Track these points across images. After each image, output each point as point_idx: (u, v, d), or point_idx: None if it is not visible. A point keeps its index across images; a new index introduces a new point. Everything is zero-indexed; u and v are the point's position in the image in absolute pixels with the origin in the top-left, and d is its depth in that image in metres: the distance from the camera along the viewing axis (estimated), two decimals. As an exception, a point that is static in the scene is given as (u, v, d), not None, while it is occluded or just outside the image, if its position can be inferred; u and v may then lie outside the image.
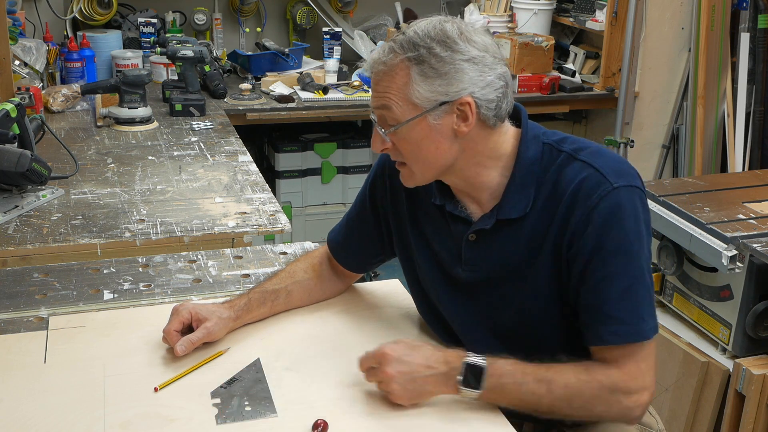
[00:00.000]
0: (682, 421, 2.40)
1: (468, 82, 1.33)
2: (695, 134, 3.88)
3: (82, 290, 1.76)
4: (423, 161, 1.39)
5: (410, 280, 1.62)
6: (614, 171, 1.36)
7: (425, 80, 1.33)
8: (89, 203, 2.31)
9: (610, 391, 1.33)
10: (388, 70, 1.35)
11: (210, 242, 2.11)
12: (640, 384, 1.34)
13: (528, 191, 1.39)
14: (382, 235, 1.62)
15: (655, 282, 2.54)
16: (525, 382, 1.33)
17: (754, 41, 3.80)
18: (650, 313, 1.36)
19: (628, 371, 1.34)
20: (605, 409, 1.35)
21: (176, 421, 1.33)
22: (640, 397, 1.34)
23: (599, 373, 1.34)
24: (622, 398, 1.34)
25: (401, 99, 1.35)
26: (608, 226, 1.33)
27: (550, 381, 1.33)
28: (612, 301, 1.34)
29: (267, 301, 1.62)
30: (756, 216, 2.33)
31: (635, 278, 1.34)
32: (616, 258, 1.33)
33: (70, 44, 3.57)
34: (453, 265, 1.49)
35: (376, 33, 4.29)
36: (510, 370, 1.34)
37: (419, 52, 1.33)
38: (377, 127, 1.41)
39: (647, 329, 1.35)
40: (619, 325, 1.34)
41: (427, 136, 1.36)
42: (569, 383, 1.33)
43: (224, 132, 3.06)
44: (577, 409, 1.34)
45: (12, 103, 2.35)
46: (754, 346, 2.27)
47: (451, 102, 1.34)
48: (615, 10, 3.84)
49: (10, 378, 1.43)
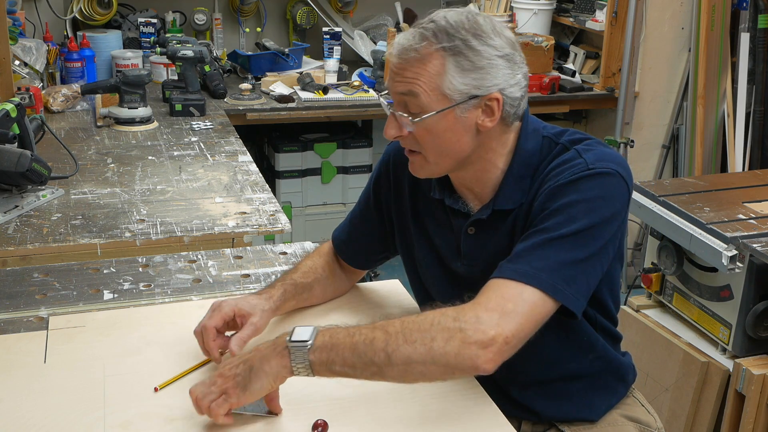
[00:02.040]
0: (682, 421, 2.40)
1: (501, 78, 1.33)
2: (695, 134, 3.88)
3: (82, 290, 1.76)
4: (441, 153, 1.37)
5: (411, 276, 1.62)
6: (597, 157, 1.35)
7: (461, 72, 1.31)
8: (89, 203, 2.31)
9: (453, 318, 1.21)
10: (420, 58, 1.32)
11: (210, 242, 2.11)
12: (493, 319, 1.21)
13: (524, 183, 1.40)
14: (386, 232, 1.62)
15: (655, 282, 2.54)
16: (358, 332, 1.24)
17: (754, 41, 3.80)
18: (557, 274, 1.26)
19: (486, 304, 1.23)
20: (444, 342, 1.20)
21: (176, 421, 1.32)
22: (487, 332, 1.19)
23: (450, 308, 1.24)
24: (467, 328, 1.20)
25: (431, 88, 1.32)
26: (565, 188, 1.32)
27: (386, 324, 1.24)
28: (528, 246, 1.30)
29: (297, 294, 1.59)
30: (756, 216, 2.33)
31: (561, 237, 1.28)
32: (555, 216, 1.30)
33: (70, 44, 3.57)
34: (452, 260, 1.49)
35: (376, 33, 4.29)
36: (343, 329, 1.26)
37: (455, 43, 1.31)
38: (394, 112, 1.38)
39: (541, 279, 1.25)
40: (519, 264, 1.27)
41: (451, 128, 1.35)
42: (407, 319, 1.24)
43: (224, 132, 3.06)
44: (414, 344, 1.21)
45: (12, 103, 2.35)
46: (754, 346, 2.27)
47: (481, 96, 1.33)
48: (615, 10, 3.84)
49: (10, 378, 1.43)
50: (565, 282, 1.27)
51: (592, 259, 1.31)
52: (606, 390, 1.55)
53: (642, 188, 2.52)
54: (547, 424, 1.53)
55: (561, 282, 1.27)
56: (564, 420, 1.52)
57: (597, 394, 1.54)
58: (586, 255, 1.30)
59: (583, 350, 1.45)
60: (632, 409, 1.59)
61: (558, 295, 1.27)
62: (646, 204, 2.47)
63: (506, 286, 1.26)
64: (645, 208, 2.47)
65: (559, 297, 1.27)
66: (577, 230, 1.29)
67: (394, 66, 1.36)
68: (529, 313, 1.24)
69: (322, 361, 1.24)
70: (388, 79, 1.39)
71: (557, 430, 1.53)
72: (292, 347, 1.25)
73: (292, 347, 1.25)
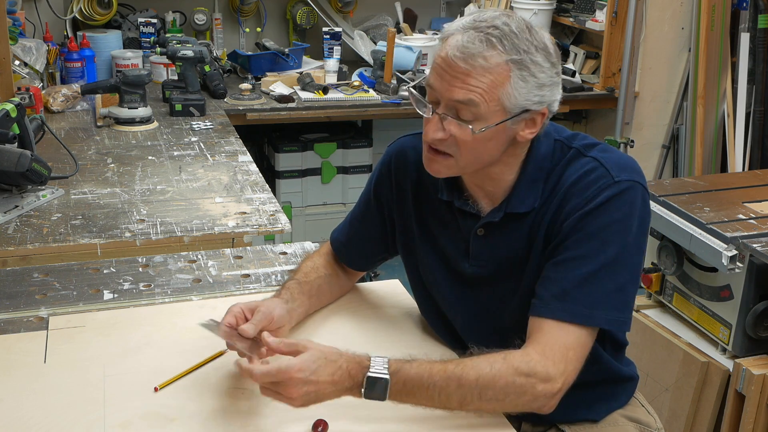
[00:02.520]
0: (682, 421, 2.40)
1: (555, 95, 1.34)
2: (695, 134, 3.88)
3: (82, 290, 1.76)
4: (476, 157, 1.36)
5: (413, 277, 1.62)
6: (618, 165, 1.36)
7: (525, 86, 1.29)
8: (89, 203, 2.31)
9: (525, 375, 1.28)
10: (488, 67, 1.27)
11: (210, 242, 2.11)
12: (560, 370, 1.29)
13: (537, 186, 1.40)
14: (386, 234, 1.62)
15: (655, 282, 2.54)
16: (432, 383, 1.29)
17: (754, 41, 3.80)
18: (608, 305, 1.32)
19: (553, 357, 1.29)
20: (517, 396, 1.29)
21: (176, 421, 1.32)
22: (555, 384, 1.29)
23: (517, 359, 1.29)
24: (537, 383, 1.28)
25: (493, 99, 1.29)
26: (595, 212, 1.32)
27: (460, 376, 1.28)
28: (573, 280, 1.32)
29: (303, 291, 1.58)
30: (756, 216, 2.33)
31: (604, 266, 1.31)
32: (591, 241, 1.32)
33: (70, 44, 3.57)
34: (459, 260, 1.48)
35: (376, 33, 4.29)
36: (416, 374, 1.29)
37: (523, 57, 1.28)
38: (440, 115, 1.33)
39: (597, 317, 1.31)
40: (572, 304, 1.31)
41: (496, 138, 1.33)
42: (481, 374, 1.28)
43: (224, 132, 3.06)
44: (489, 399, 1.29)
45: (12, 103, 2.35)
46: (754, 346, 2.27)
47: (532, 111, 1.32)
48: (615, 10, 3.84)
49: (10, 378, 1.43)
50: (619, 310, 1.34)
51: (633, 275, 1.36)
52: (607, 396, 1.56)
53: (642, 188, 2.52)
54: (547, 424, 1.53)
55: (615, 312, 1.33)
56: (565, 420, 1.53)
57: (599, 399, 1.55)
58: (627, 276, 1.34)
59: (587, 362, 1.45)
60: (633, 410, 1.59)
61: (613, 326, 1.35)
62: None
63: (565, 331, 1.32)
64: (645, 208, 2.47)
65: (614, 327, 1.36)
66: (616, 254, 1.32)
67: (454, 69, 1.29)
68: (585, 354, 1.34)
69: (395, 400, 1.30)
70: (440, 81, 1.31)
71: (558, 430, 1.53)
72: (367, 392, 1.29)
73: (367, 392, 1.29)
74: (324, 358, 1.28)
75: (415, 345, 1.58)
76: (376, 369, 1.28)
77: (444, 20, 4.25)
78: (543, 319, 1.33)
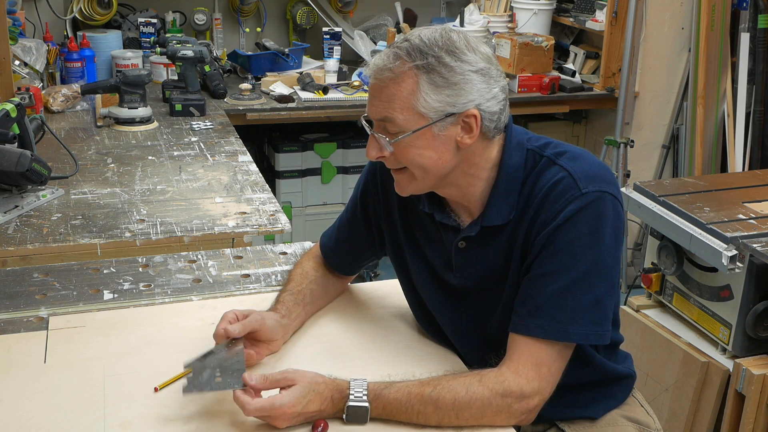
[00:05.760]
0: (682, 421, 2.40)
1: (476, 94, 1.32)
2: (695, 134, 3.88)
3: (82, 290, 1.76)
4: (424, 169, 1.36)
5: (405, 286, 1.62)
6: (587, 176, 1.35)
7: (434, 89, 1.30)
8: (89, 203, 2.31)
9: (501, 395, 1.31)
10: (394, 77, 1.31)
11: (210, 242, 2.11)
12: (534, 388, 1.32)
13: (511, 198, 1.39)
14: (374, 239, 1.62)
15: (655, 282, 2.54)
16: (410, 407, 1.32)
17: (754, 41, 3.80)
18: (584, 319, 1.33)
19: (526, 374, 1.32)
20: (494, 416, 1.32)
21: (176, 421, 1.33)
22: (530, 401, 1.32)
23: (492, 380, 1.32)
24: (513, 402, 1.31)
25: (406, 108, 1.32)
26: (563, 227, 1.32)
27: (437, 399, 1.31)
28: (546, 296, 1.33)
29: (298, 301, 1.59)
30: (756, 216, 2.33)
31: (576, 281, 1.32)
32: (561, 256, 1.32)
33: (70, 44, 3.57)
34: (445, 272, 1.49)
35: (376, 33, 4.29)
36: (394, 399, 1.32)
37: (428, 60, 1.30)
38: (374, 133, 1.38)
39: (572, 332, 1.33)
40: (546, 321, 1.32)
41: (430, 146, 1.34)
42: (458, 398, 1.31)
43: (224, 132, 3.06)
44: (467, 419, 1.32)
45: (12, 103, 2.35)
46: (754, 346, 2.27)
47: (457, 114, 1.32)
48: (615, 10, 3.84)
49: (10, 378, 1.43)
50: (596, 323, 1.34)
51: (609, 285, 1.35)
52: (604, 396, 1.56)
53: (642, 188, 2.52)
54: (547, 423, 1.53)
55: (591, 326, 1.34)
56: (564, 418, 1.53)
57: (595, 399, 1.55)
58: (603, 287, 1.34)
59: (580, 364, 1.45)
60: (632, 410, 1.59)
61: (589, 339, 1.35)
62: (646, 204, 2.47)
63: (538, 348, 1.33)
64: (645, 208, 2.47)
65: (591, 341, 1.36)
66: (588, 268, 1.32)
67: (372, 88, 1.35)
68: (561, 367, 1.36)
69: (377, 420, 1.33)
70: (368, 103, 1.37)
71: (557, 429, 1.53)
72: (349, 419, 1.32)
73: (349, 419, 1.32)
74: (313, 391, 1.31)
75: (414, 345, 1.58)
76: (356, 397, 1.32)
77: (444, 20, 4.25)
78: (519, 336, 1.35)
